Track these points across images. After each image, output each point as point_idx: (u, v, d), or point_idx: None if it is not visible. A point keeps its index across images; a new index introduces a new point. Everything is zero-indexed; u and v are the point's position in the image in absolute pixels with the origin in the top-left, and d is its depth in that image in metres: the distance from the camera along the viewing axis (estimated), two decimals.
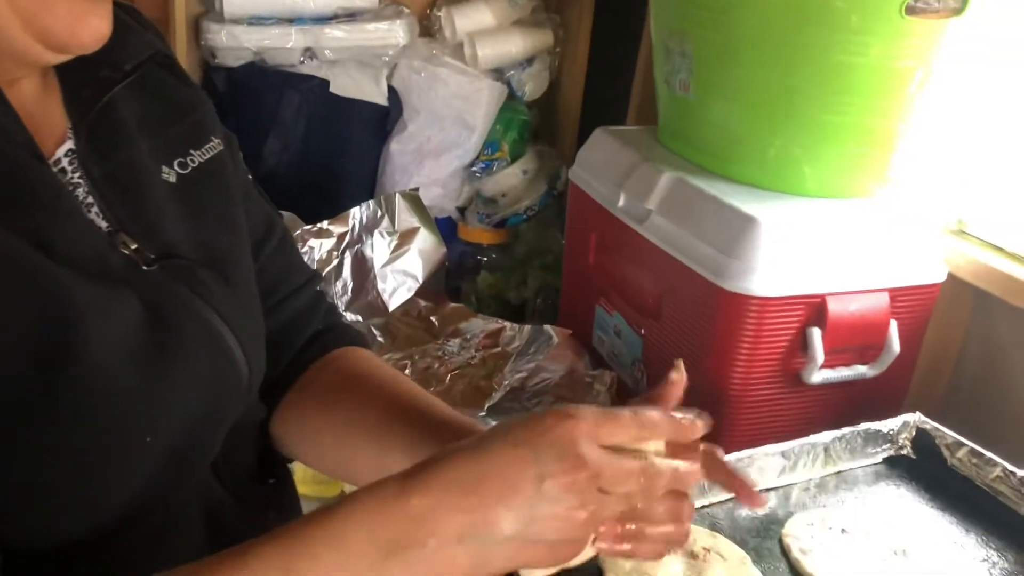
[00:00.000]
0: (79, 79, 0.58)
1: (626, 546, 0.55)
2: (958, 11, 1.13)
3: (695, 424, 0.56)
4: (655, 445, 0.56)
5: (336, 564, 0.47)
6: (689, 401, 1.18)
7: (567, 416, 0.50)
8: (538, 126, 2.21)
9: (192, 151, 0.63)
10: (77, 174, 0.56)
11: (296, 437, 0.72)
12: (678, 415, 0.55)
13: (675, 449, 0.55)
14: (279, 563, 0.46)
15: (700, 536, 0.90)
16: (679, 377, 0.60)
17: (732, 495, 0.97)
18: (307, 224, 1.63)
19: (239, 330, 0.60)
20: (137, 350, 0.53)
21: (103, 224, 0.56)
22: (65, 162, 0.56)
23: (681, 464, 0.54)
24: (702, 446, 0.57)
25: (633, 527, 0.54)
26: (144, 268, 0.56)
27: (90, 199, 0.56)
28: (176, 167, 0.62)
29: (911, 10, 1.09)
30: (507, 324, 1.53)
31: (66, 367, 0.49)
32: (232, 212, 0.66)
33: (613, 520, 0.53)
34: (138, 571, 0.47)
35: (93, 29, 0.52)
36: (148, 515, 0.55)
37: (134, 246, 0.56)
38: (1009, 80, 1.35)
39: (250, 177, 0.72)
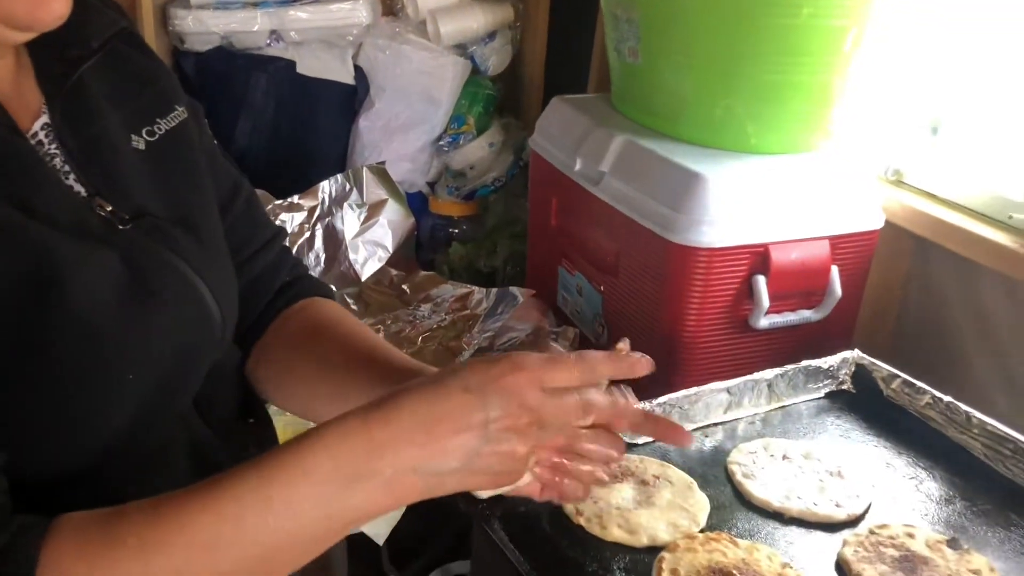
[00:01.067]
0: (50, 57, 0.64)
1: (553, 477, 0.63)
2: None
3: (638, 361, 0.62)
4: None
5: (307, 488, 0.53)
6: (645, 349, 1.26)
7: (515, 367, 0.57)
8: (503, 99, 2.26)
9: (158, 120, 0.69)
10: (53, 145, 0.62)
11: (267, 380, 0.79)
12: (609, 353, 0.62)
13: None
14: (257, 487, 0.53)
15: (651, 465, 0.98)
16: (624, 348, 0.66)
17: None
18: (278, 200, 1.69)
19: (210, 279, 0.66)
20: (116, 297, 0.59)
21: (80, 189, 0.62)
22: (42, 135, 0.62)
23: (618, 398, 0.62)
24: (643, 358, 0.64)
25: (567, 463, 0.62)
26: (120, 227, 0.62)
27: (67, 167, 0.62)
28: (144, 135, 0.68)
29: None
30: (475, 288, 1.59)
31: (52, 312, 0.55)
32: (199, 175, 0.72)
33: (552, 452, 0.61)
34: (129, 499, 0.54)
35: (52, 11, 0.57)
36: (136, 446, 0.61)
37: (110, 208, 0.62)
38: (942, 34, 1.42)
39: (216, 143, 0.78)
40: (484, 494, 0.68)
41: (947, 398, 1.07)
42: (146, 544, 0.51)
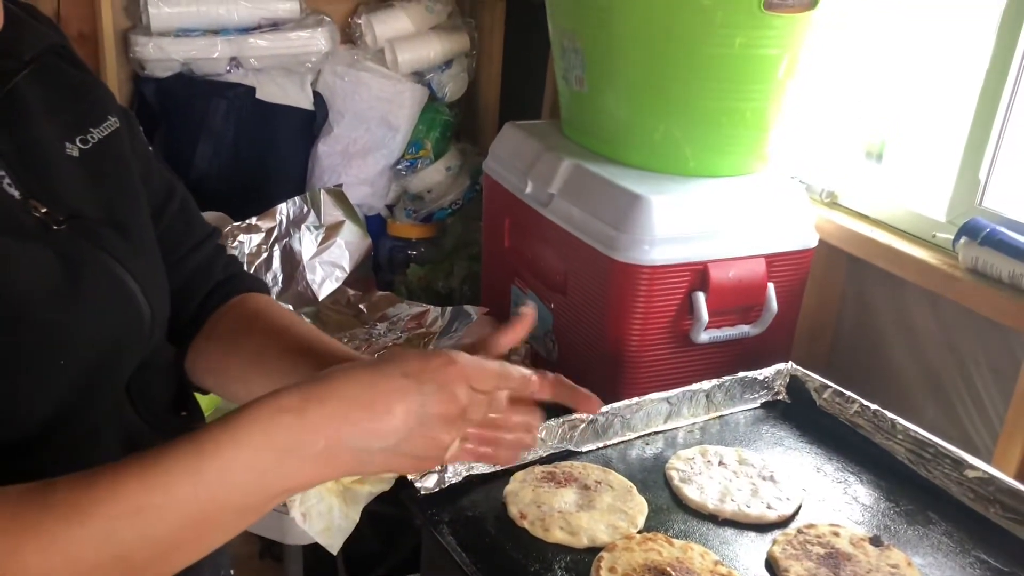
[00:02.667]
0: None
1: (485, 449, 0.68)
2: (812, 4, 1.27)
3: (537, 383, 0.67)
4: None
5: (240, 461, 0.56)
6: (592, 363, 1.30)
7: (451, 361, 0.61)
8: (459, 125, 2.32)
9: (91, 128, 0.73)
10: None
11: (204, 373, 0.83)
12: (530, 373, 0.66)
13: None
14: (190, 460, 0.56)
15: (593, 471, 1.03)
16: (526, 315, 0.72)
17: (623, 439, 1.10)
18: (236, 221, 1.72)
19: (140, 277, 0.70)
20: (50, 290, 0.63)
21: (15, 193, 0.65)
22: None
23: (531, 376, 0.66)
24: (550, 375, 0.69)
25: (492, 435, 0.66)
26: (54, 228, 0.66)
27: (2, 172, 0.65)
28: (79, 143, 0.72)
29: (769, 5, 1.23)
30: (431, 307, 1.64)
31: None
32: (130, 180, 0.76)
33: (477, 428, 0.66)
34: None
35: None
36: (66, 429, 0.65)
37: (44, 210, 0.66)
38: (873, 62, 1.50)
39: (149, 149, 0.83)
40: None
41: (874, 406, 1.13)
42: (74, 510, 0.52)
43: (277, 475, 0.57)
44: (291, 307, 1.64)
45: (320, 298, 1.71)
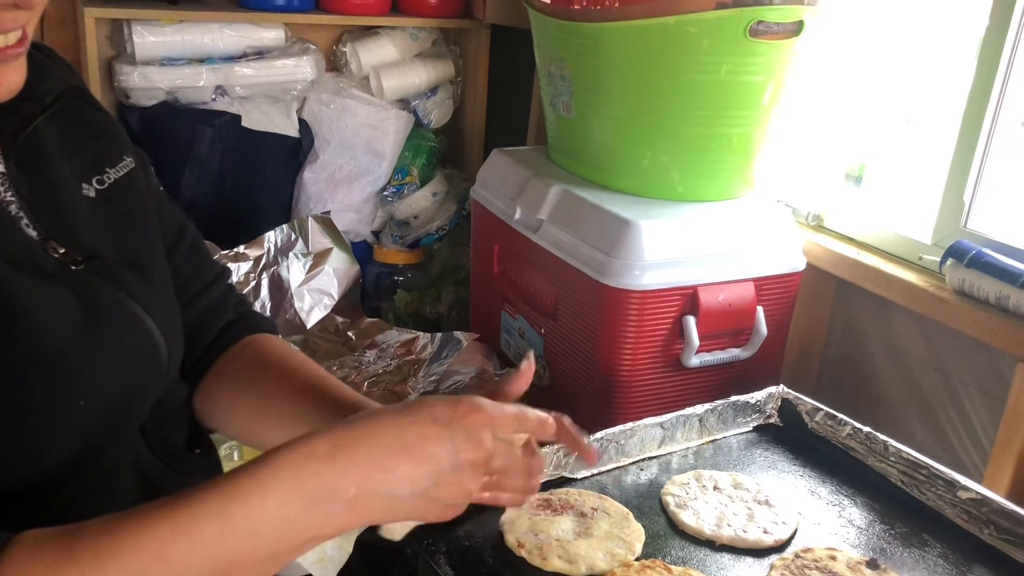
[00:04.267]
0: (5, 112, 0.68)
1: (496, 493, 0.69)
2: (797, 32, 1.29)
3: (553, 426, 0.68)
4: None
5: (268, 509, 0.55)
6: (584, 387, 1.30)
7: (477, 407, 0.61)
8: (445, 151, 2.33)
9: (108, 169, 0.74)
10: (9, 193, 0.66)
11: (214, 414, 0.83)
12: (546, 416, 0.67)
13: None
14: (217, 504, 0.55)
15: (589, 499, 1.02)
16: (528, 366, 0.73)
17: (618, 465, 1.10)
18: (224, 250, 1.72)
19: (157, 315, 0.71)
20: (70, 329, 0.63)
21: (33, 234, 0.66)
22: None
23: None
24: (564, 418, 0.71)
25: (496, 479, 0.67)
26: (73, 268, 0.66)
27: (21, 213, 0.66)
28: (95, 183, 0.72)
29: (754, 32, 1.24)
30: (420, 333, 1.63)
31: (10, 342, 0.59)
32: (146, 220, 0.77)
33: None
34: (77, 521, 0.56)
35: (10, 84, 0.62)
36: (84, 469, 0.65)
37: (62, 250, 0.66)
38: (859, 87, 1.52)
39: (161, 189, 0.83)
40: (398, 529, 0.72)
41: (866, 429, 1.13)
42: (101, 556, 0.52)
43: (306, 523, 0.57)
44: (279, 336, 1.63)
45: (308, 326, 1.71)
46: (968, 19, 1.43)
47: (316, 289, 1.75)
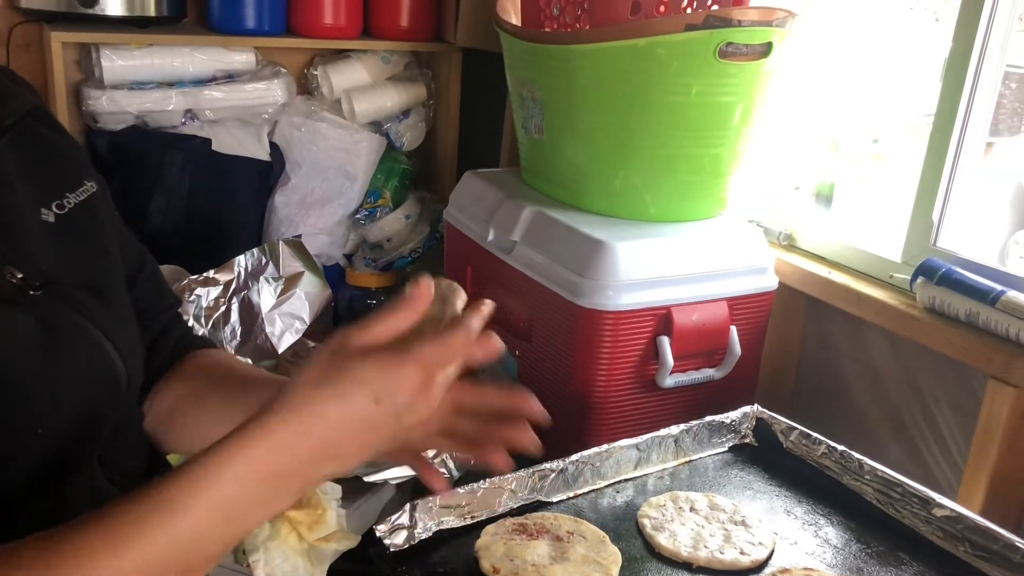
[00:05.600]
0: None
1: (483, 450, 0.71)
2: (766, 53, 1.30)
3: (480, 314, 0.69)
4: None
5: (213, 518, 0.55)
6: (559, 409, 1.29)
7: (405, 360, 0.61)
8: (418, 173, 2.32)
9: (68, 194, 0.73)
10: None
11: (154, 427, 0.83)
12: (472, 323, 0.67)
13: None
14: (161, 520, 0.54)
15: (564, 522, 1.01)
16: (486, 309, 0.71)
17: (594, 488, 1.09)
18: (193, 275, 1.70)
19: (116, 340, 0.70)
20: (27, 355, 0.62)
21: None
22: None
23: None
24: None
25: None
26: (31, 292, 0.65)
27: None
28: (54, 208, 0.71)
29: (723, 54, 1.25)
30: None
31: None
32: (106, 245, 0.76)
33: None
34: None
35: None
36: (40, 496, 0.63)
37: (20, 275, 0.65)
38: (828, 105, 1.54)
39: (117, 214, 0.83)
40: None
41: (841, 447, 1.13)
42: (42, 561, 0.51)
43: (257, 511, 0.59)
44: (250, 361, 1.61)
45: (280, 351, 1.69)
46: (932, 39, 1.46)
47: (287, 313, 1.73)
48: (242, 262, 1.73)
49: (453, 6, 2.01)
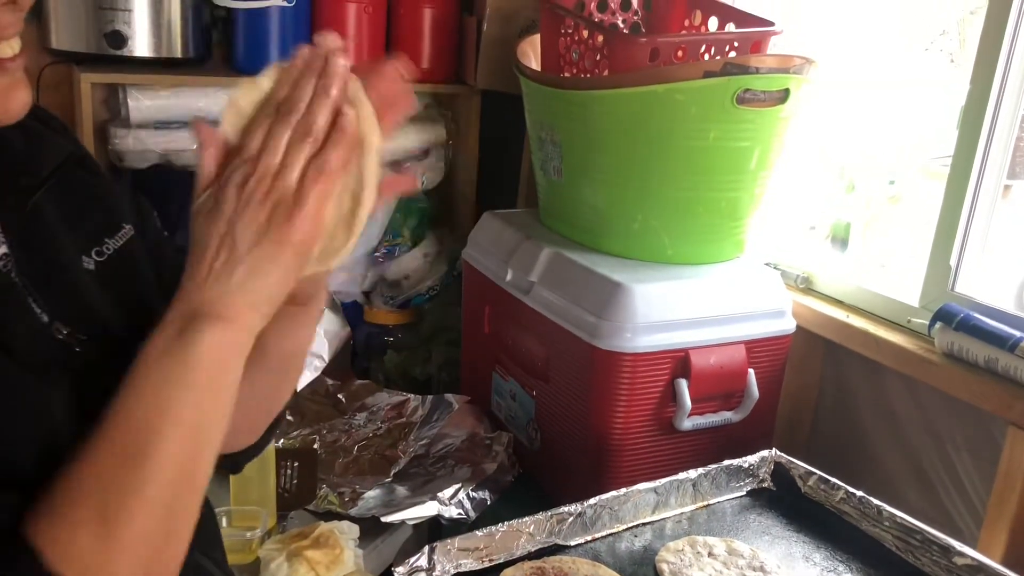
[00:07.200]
0: (3, 189, 0.67)
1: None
2: (783, 99, 1.31)
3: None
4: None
5: (222, 350, 0.60)
6: (577, 451, 1.29)
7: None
8: (437, 212, 2.34)
9: (107, 239, 0.73)
10: (12, 273, 0.65)
11: None
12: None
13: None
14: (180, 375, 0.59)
15: (583, 566, 1.01)
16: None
17: (611, 532, 1.09)
18: None
19: None
20: (62, 423, 0.62)
21: (44, 316, 0.64)
22: (1, 264, 0.65)
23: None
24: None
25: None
26: (76, 350, 0.65)
27: (30, 297, 0.64)
28: (94, 255, 0.71)
29: (741, 100, 1.27)
30: (411, 396, 1.62)
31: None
32: (144, 287, 0.75)
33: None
34: None
35: (20, 101, 0.62)
36: None
37: (66, 331, 0.65)
38: (845, 150, 1.55)
39: (165, 233, 0.83)
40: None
41: (859, 493, 1.13)
42: (98, 476, 0.56)
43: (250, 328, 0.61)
44: None
45: (298, 389, 1.69)
46: (948, 81, 1.47)
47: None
48: None
49: (473, 49, 2.04)
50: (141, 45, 1.86)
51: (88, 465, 0.57)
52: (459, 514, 1.31)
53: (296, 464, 1.34)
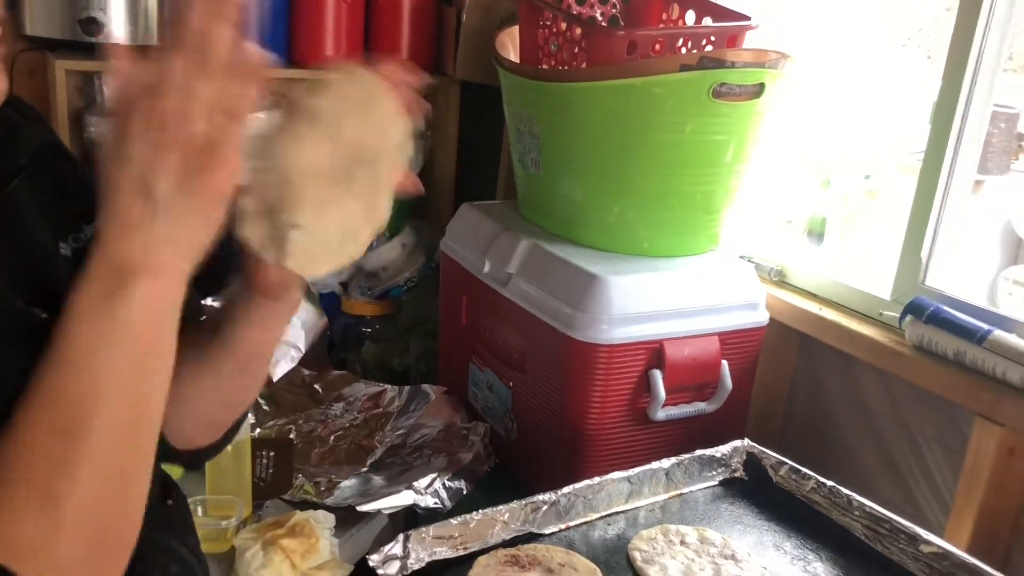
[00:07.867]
0: None
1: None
2: (758, 94, 1.32)
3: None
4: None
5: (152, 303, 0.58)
6: (552, 441, 1.30)
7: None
8: (415, 203, 2.34)
9: (84, 226, 0.73)
10: None
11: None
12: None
13: None
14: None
15: (556, 554, 1.02)
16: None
17: (585, 520, 1.10)
18: None
19: None
20: None
21: (18, 300, 0.65)
22: None
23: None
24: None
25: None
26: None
27: (4, 280, 0.65)
28: (71, 241, 0.72)
29: (717, 94, 1.28)
30: (388, 386, 1.62)
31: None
32: None
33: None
34: None
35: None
36: None
37: (44, 316, 0.65)
38: (815, 142, 1.57)
39: None
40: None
41: (830, 483, 1.14)
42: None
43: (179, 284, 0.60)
44: None
45: (275, 379, 1.69)
46: (925, 77, 1.49)
47: (283, 341, 1.74)
48: None
49: (453, 39, 2.04)
50: (117, 32, 1.85)
51: (22, 444, 0.54)
52: (435, 503, 1.31)
53: (272, 454, 1.34)
